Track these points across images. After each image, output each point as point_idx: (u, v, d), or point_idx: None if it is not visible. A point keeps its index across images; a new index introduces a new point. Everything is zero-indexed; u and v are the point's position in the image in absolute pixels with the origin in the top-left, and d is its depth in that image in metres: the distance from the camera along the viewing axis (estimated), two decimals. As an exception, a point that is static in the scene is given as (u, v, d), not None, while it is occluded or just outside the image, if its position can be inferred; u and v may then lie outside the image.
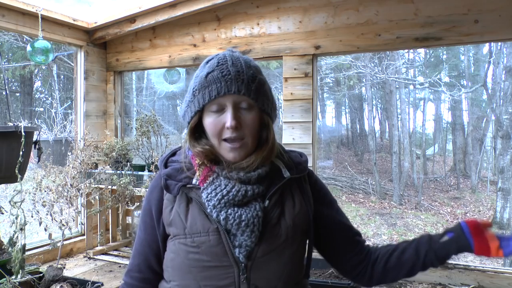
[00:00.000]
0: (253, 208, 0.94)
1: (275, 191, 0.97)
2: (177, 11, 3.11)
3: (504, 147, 9.29)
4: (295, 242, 0.98)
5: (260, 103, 0.94)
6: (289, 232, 0.95)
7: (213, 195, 0.93)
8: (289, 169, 1.00)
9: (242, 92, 0.91)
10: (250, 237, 0.92)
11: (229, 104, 0.92)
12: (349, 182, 13.10)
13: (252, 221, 0.92)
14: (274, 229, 0.94)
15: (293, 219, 0.97)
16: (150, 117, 3.16)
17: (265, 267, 0.93)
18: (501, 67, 10.55)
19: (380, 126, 19.49)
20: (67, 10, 3.14)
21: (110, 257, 3.11)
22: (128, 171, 2.94)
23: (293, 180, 1.00)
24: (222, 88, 0.91)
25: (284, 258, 0.95)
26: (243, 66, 0.94)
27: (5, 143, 1.98)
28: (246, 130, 0.93)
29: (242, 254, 0.92)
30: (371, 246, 1.10)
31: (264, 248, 0.93)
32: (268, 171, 0.98)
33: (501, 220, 9.14)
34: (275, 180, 0.98)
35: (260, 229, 0.93)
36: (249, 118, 0.93)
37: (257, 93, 0.94)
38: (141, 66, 3.55)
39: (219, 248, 0.91)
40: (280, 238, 0.94)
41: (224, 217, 0.91)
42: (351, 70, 11.57)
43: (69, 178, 2.70)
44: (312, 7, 2.88)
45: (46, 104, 11.78)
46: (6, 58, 10.41)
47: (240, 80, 0.91)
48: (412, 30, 2.61)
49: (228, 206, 0.93)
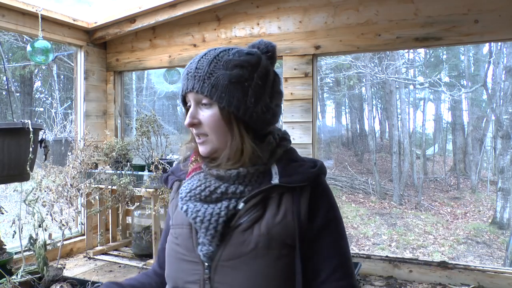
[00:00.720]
0: (219, 207, 0.89)
1: (255, 194, 0.90)
2: (177, 11, 3.11)
3: (504, 147, 9.29)
4: (269, 254, 0.87)
5: (219, 99, 0.88)
6: (261, 241, 0.86)
7: (185, 188, 0.95)
8: (286, 176, 0.91)
9: (196, 90, 0.89)
10: (205, 235, 0.88)
11: (192, 102, 0.93)
12: (349, 182, 13.11)
13: (208, 218, 0.88)
14: (242, 234, 0.87)
15: (270, 228, 0.87)
16: (150, 117, 3.15)
17: (231, 274, 0.87)
18: (501, 67, 10.55)
19: (380, 126, 19.50)
20: (67, 10, 3.14)
21: (110, 257, 3.11)
22: (128, 171, 2.94)
23: (288, 188, 0.91)
24: (184, 85, 0.92)
25: (253, 269, 0.86)
26: (205, 62, 0.90)
27: (13, 140, 1.97)
28: (206, 127, 0.91)
29: (203, 252, 0.89)
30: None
31: (228, 252, 0.87)
32: (254, 173, 0.92)
33: (501, 220, 9.14)
34: (262, 185, 0.91)
35: (220, 230, 0.88)
36: (207, 116, 0.91)
37: (214, 89, 0.88)
38: (141, 66, 3.55)
39: (189, 242, 0.92)
40: (248, 246, 0.86)
41: (184, 210, 0.91)
42: (351, 70, 11.57)
43: (69, 178, 2.70)
44: (312, 7, 2.88)
45: (46, 104, 11.78)
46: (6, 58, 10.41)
47: (197, 78, 0.89)
48: (412, 30, 2.61)
49: (192, 200, 0.92)
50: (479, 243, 8.67)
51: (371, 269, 2.83)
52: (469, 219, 10.38)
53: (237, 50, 0.93)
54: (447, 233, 9.28)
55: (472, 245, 8.57)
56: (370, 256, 2.88)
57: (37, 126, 2.09)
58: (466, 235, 9.15)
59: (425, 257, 7.68)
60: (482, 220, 10.14)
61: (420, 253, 8.13)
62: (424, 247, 8.47)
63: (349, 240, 5.54)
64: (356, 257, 2.90)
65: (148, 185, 2.87)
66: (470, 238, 8.95)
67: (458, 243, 8.67)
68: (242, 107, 0.89)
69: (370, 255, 2.90)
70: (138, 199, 3.11)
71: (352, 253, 2.98)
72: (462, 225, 9.84)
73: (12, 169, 1.99)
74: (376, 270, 2.82)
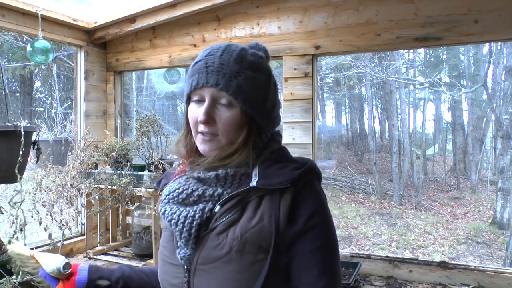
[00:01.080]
0: (195, 209, 0.87)
1: (231, 197, 0.86)
2: (177, 11, 3.11)
3: (504, 147, 9.29)
4: (244, 259, 0.83)
5: (239, 101, 0.85)
6: (235, 245, 0.82)
7: (165, 191, 0.94)
8: (262, 178, 0.86)
9: (220, 87, 0.84)
10: (180, 238, 0.87)
11: (208, 98, 0.86)
12: (349, 182, 13.11)
13: (182, 221, 0.86)
14: (216, 238, 0.85)
15: (243, 232, 0.83)
16: (150, 117, 3.15)
17: (207, 278, 0.85)
18: (501, 67, 10.55)
19: (380, 126, 19.50)
20: (67, 10, 3.14)
21: (110, 257, 3.11)
22: (128, 171, 2.94)
23: (269, 191, 0.86)
24: (202, 79, 0.85)
25: (227, 275, 0.83)
26: (231, 59, 0.86)
27: (4, 143, 1.97)
28: (221, 127, 0.86)
29: (180, 255, 0.87)
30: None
31: (203, 256, 0.85)
32: (235, 175, 0.88)
33: (501, 220, 9.14)
34: (241, 187, 0.87)
35: (194, 233, 0.86)
36: (225, 116, 0.86)
37: (238, 90, 0.84)
38: (141, 66, 3.55)
39: (171, 245, 0.91)
40: (222, 249, 0.83)
41: (162, 212, 0.91)
42: (351, 70, 11.57)
43: (69, 178, 2.70)
44: (312, 7, 2.88)
45: (46, 104, 11.78)
46: (6, 58, 10.42)
47: (221, 74, 0.84)
48: (412, 30, 2.61)
49: (171, 203, 0.91)
50: (479, 243, 8.67)
51: (371, 269, 2.83)
52: (469, 219, 10.38)
53: (253, 51, 0.91)
54: (447, 233, 9.28)
55: (472, 245, 8.57)
56: (370, 256, 2.88)
57: (29, 129, 2.08)
58: (466, 235, 9.15)
59: (425, 257, 7.68)
60: (482, 220, 10.14)
61: (420, 253, 8.13)
62: (424, 247, 8.47)
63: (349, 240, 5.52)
64: (356, 257, 2.90)
65: (148, 185, 2.87)
66: (470, 238, 8.95)
67: (458, 243, 8.67)
68: (262, 112, 0.89)
69: (370, 255, 2.90)
70: (138, 199, 3.11)
71: (352, 253, 2.98)
72: (462, 225, 9.84)
73: (4, 171, 1.99)
74: (376, 270, 2.82)
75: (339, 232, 8.72)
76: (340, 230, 8.82)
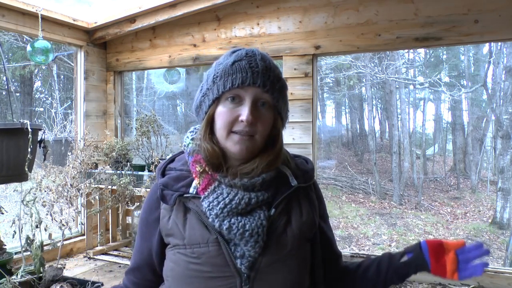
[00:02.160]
0: (257, 216, 0.89)
1: (282, 199, 0.92)
2: (177, 11, 3.11)
3: (504, 147, 9.29)
4: (300, 252, 0.94)
5: (279, 104, 0.92)
6: (295, 242, 0.91)
7: (215, 203, 0.89)
8: (296, 177, 0.96)
9: (267, 88, 0.88)
10: (254, 248, 0.87)
11: (249, 98, 0.88)
12: (349, 182, 13.10)
13: (256, 230, 0.87)
14: (279, 238, 0.90)
15: (300, 228, 0.93)
16: (150, 117, 3.16)
17: (270, 277, 0.89)
18: (501, 67, 10.54)
19: (380, 126, 19.49)
20: (67, 10, 3.14)
21: (110, 257, 3.11)
22: (128, 171, 2.94)
23: (300, 188, 0.96)
24: (248, 78, 0.86)
25: (289, 268, 0.91)
26: (271, 64, 0.92)
27: (12, 141, 1.97)
28: (260, 127, 0.89)
29: (244, 265, 0.87)
30: (345, 264, 1.11)
31: (268, 258, 0.89)
32: (273, 177, 0.93)
33: (501, 220, 9.14)
34: (282, 188, 0.94)
35: (265, 239, 0.88)
36: (265, 117, 0.90)
37: (279, 94, 0.91)
38: (141, 66, 3.55)
39: (219, 258, 0.87)
40: (286, 248, 0.90)
41: (227, 227, 0.87)
42: (351, 70, 11.57)
43: (69, 178, 2.70)
44: (312, 7, 2.88)
45: (46, 104, 11.78)
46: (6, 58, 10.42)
47: (266, 76, 0.88)
48: (412, 30, 2.61)
49: (231, 215, 0.88)
50: (479, 243, 8.66)
51: (371, 269, 2.83)
52: (469, 219, 10.37)
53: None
54: (447, 233, 9.28)
55: (472, 245, 8.55)
56: (370, 256, 2.88)
57: (36, 127, 2.08)
58: (466, 235, 9.14)
59: (425, 257, 7.65)
60: (482, 220, 10.13)
61: (420, 253, 8.11)
62: (424, 247, 8.45)
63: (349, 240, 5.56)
64: (356, 257, 2.90)
65: (148, 185, 2.87)
66: (470, 238, 8.95)
67: (458, 243, 8.66)
68: (285, 116, 0.97)
69: (370, 255, 2.90)
70: (138, 199, 3.10)
71: (352, 253, 2.98)
72: (462, 225, 9.84)
73: (11, 169, 1.99)
74: (376, 270, 2.81)
75: (339, 232, 8.73)
76: (340, 230, 8.83)
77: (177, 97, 13.16)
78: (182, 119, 14.01)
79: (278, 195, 0.93)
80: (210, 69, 0.95)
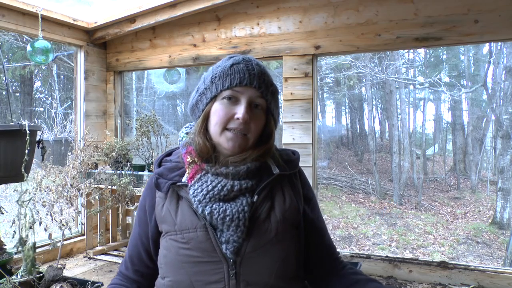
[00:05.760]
0: (240, 203, 0.94)
1: (265, 186, 0.98)
2: (177, 11, 3.11)
3: (504, 147, 9.29)
4: (286, 237, 0.97)
5: (272, 106, 1.00)
6: (279, 227, 0.95)
7: (199, 190, 0.95)
8: (278, 166, 1.02)
9: (262, 90, 0.96)
10: (236, 232, 0.92)
11: (245, 98, 0.95)
12: (349, 182, 13.10)
13: (237, 216, 0.92)
14: (263, 224, 0.95)
15: (283, 214, 0.97)
16: (150, 117, 3.16)
17: (256, 262, 0.93)
18: (501, 67, 10.54)
19: (380, 126, 19.49)
20: (67, 10, 3.14)
21: (110, 257, 3.11)
22: (128, 171, 2.94)
23: (284, 176, 1.02)
24: (245, 79, 0.94)
25: (276, 253, 0.95)
26: (265, 69, 1.00)
27: (9, 142, 1.97)
28: (253, 127, 0.96)
29: (229, 250, 0.91)
30: (342, 263, 1.10)
31: (253, 243, 0.93)
32: (258, 167, 0.99)
33: (501, 220, 9.14)
34: (264, 176, 0.99)
35: (247, 224, 0.93)
36: (258, 118, 0.97)
37: (272, 97, 1.00)
38: (141, 66, 3.55)
39: (207, 244, 0.92)
40: (270, 233, 0.94)
41: (208, 212, 0.92)
42: (351, 70, 11.56)
43: (69, 178, 2.70)
44: (312, 7, 2.88)
45: (46, 104, 11.78)
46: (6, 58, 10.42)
47: (262, 79, 0.96)
48: (412, 30, 2.61)
49: (213, 201, 0.94)
50: (479, 243, 8.66)
51: (371, 269, 2.83)
52: (469, 219, 10.37)
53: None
54: (447, 233, 9.28)
55: (472, 245, 8.56)
56: (370, 256, 2.88)
57: (34, 128, 2.08)
58: (466, 235, 9.14)
59: (425, 257, 7.68)
60: (482, 220, 10.13)
61: (420, 253, 8.12)
62: (424, 247, 8.46)
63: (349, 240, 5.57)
64: (356, 257, 2.90)
65: (148, 185, 2.87)
66: (470, 238, 8.95)
67: (458, 243, 8.67)
68: (277, 118, 1.04)
69: (370, 255, 2.90)
70: (138, 199, 3.10)
71: (352, 253, 2.98)
72: (462, 225, 9.84)
73: (9, 170, 1.99)
74: (376, 270, 2.82)
75: (339, 232, 8.72)
76: (340, 230, 8.83)
77: (177, 97, 13.16)
78: (182, 119, 14.01)
79: (261, 183, 0.98)
80: (207, 72, 1.02)
